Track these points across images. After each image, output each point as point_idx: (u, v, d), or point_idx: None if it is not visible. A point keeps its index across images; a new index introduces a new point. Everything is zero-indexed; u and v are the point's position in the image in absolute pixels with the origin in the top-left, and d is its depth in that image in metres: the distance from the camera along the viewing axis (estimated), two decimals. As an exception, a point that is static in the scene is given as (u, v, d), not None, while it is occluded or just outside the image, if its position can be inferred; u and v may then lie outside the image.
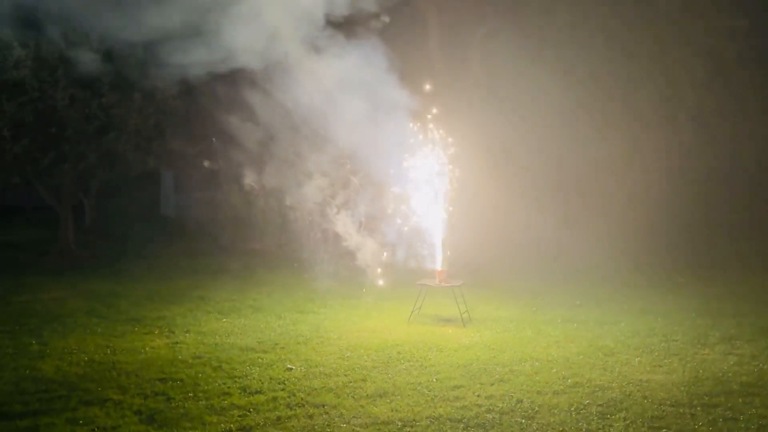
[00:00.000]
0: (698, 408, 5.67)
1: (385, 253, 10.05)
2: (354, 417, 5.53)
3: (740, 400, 5.84)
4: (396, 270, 10.25)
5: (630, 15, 17.96)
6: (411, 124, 9.27)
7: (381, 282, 10.13)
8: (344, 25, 9.16)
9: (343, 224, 10.89)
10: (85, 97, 13.94)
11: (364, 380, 6.45)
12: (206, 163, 18.53)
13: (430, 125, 9.25)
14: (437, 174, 9.29)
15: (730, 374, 6.56)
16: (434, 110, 9.25)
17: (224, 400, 5.91)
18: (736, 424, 5.35)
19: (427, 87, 9.44)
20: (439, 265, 9.25)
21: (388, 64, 9.31)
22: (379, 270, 10.13)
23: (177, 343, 7.79)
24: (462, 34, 19.37)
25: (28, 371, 6.72)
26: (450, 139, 9.35)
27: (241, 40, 9.03)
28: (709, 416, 5.50)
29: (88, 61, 14.53)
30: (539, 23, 18.25)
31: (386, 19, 9.43)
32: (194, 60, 9.79)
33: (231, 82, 10.67)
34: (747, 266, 13.95)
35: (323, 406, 5.78)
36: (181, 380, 6.42)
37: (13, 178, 15.22)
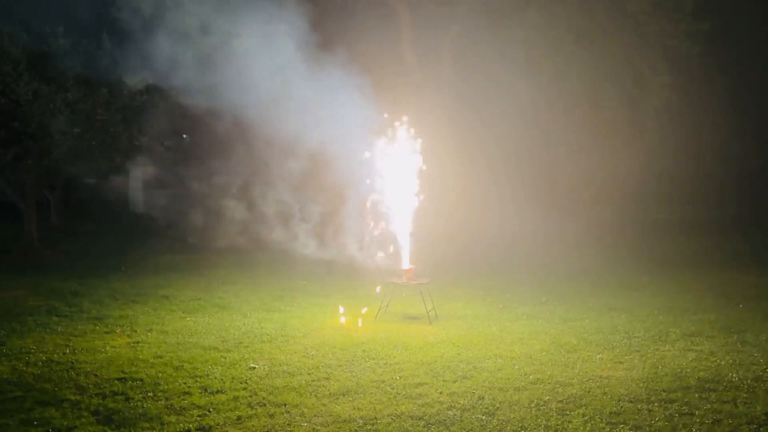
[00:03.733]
0: (656, 404, 5.75)
1: (355, 251, 10.01)
2: (315, 416, 5.50)
3: (697, 396, 5.94)
4: (364, 268, 10.23)
5: (599, 16, 18.18)
6: (380, 123, 9.25)
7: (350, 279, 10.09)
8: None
9: (312, 223, 10.85)
10: (50, 91, 13.66)
11: (327, 379, 6.42)
12: (184, 136, 18.30)
13: (398, 123, 9.24)
14: (405, 172, 9.28)
15: (688, 370, 6.66)
16: (404, 118, 9.22)
17: (184, 399, 5.83)
18: (691, 419, 5.44)
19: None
20: (406, 263, 9.26)
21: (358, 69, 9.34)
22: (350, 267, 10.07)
23: (138, 342, 7.67)
24: (434, 32, 19.42)
25: (-18, 371, 6.56)
26: (419, 138, 9.35)
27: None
28: (666, 411, 5.58)
29: (52, 55, 14.28)
30: (510, 23, 18.38)
31: None
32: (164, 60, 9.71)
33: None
34: (711, 263, 14.24)
35: (285, 405, 5.74)
36: (141, 380, 6.32)
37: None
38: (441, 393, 6.02)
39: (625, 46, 18.36)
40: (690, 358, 7.08)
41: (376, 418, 5.44)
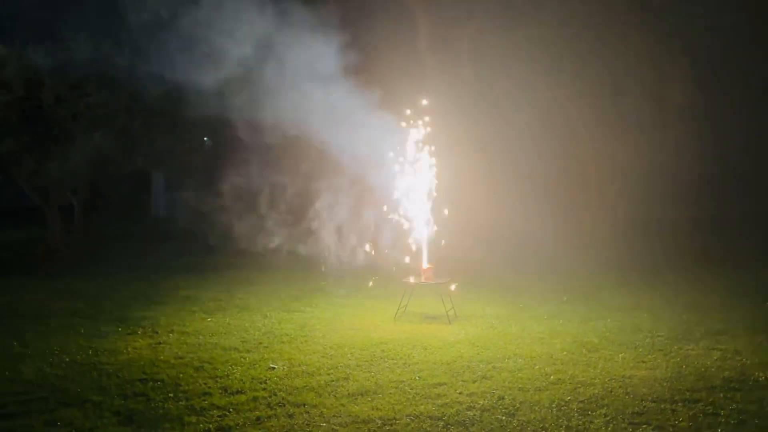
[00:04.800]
0: (679, 404, 5.65)
1: (374, 252, 9.97)
2: (334, 416, 5.50)
3: (722, 396, 5.83)
4: (383, 268, 10.23)
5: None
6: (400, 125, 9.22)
7: (371, 282, 10.06)
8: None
9: (334, 224, 10.86)
10: (72, 96, 13.85)
11: (346, 379, 6.42)
12: (206, 140, 18.44)
13: (418, 123, 9.20)
14: (424, 172, 9.26)
15: (712, 369, 6.55)
16: (425, 119, 9.19)
17: (204, 400, 5.87)
18: (716, 419, 5.34)
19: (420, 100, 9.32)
20: (425, 262, 9.23)
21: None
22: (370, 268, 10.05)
23: (160, 343, 7.75)
24: (451, 30, 19.35)
25: (7, 373, 6.66)
26: (435, 138, 9.32)
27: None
28: (690, 411, 5.48)
29: (75, 59, 14.47)
30: (528, 20, 18.25)
31: None
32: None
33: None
34: (735, 260, 13.99)
35: (304, 405, 5.74)
36: (162, 381, 6.38)
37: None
38: (460, 393, 5.98)
39: (646, 40, 18.13)
40: (714, 358, 6.96)
41: (395, 419, 5.43)
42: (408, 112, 9.14)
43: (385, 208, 9.30)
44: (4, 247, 17.45)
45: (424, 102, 9.20)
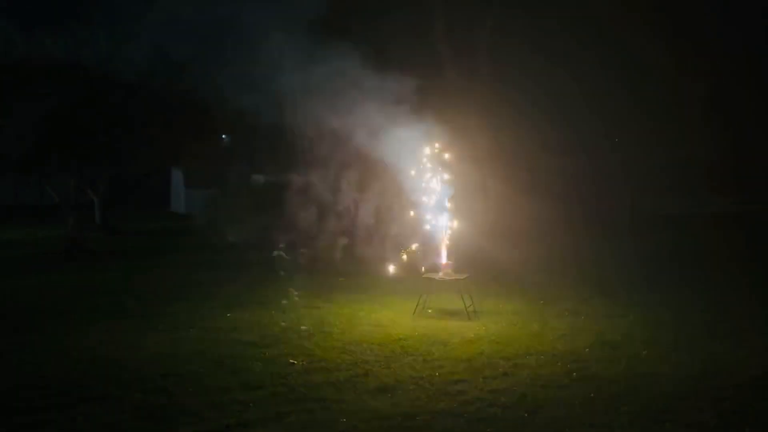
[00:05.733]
0: (706, 401, 5.54)
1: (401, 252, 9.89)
2: (354, 412, 5.46)
3: (750, 394, 5.71)
4: (402, 263, 10.17)
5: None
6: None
7: (391, 271, 9.97)
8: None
9: (352, 220, 10.84)
10: (93, 94, 13.96)
11: (366, 375, 6.38)
12: (223, 137, 18.58)
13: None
14: (443, 168, 9.19)
15: (739, 368, 6.42)
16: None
17: (224, 395, 5.86)
18: (744, 417, 5.22)
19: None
20: (444, 258, 9.16)
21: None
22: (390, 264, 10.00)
23: (180, 338, 7.77)
24: (469, 30, 19.28)
25: (30, 368, 6.71)
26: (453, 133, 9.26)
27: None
28: (716, 409, 5.37)
29: (94, 59, 14.59)
30: (547, 14, 18.13)
31: None
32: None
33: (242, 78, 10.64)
34: (761, 259, 13.74)
35: (324, 400, 5.72)
36: (182, 376, 6.38)
37: (20, 175, 15.45)
38: (481, 390, 5.92)
39: (664, 33, 17.91)
40: (741, 356, 6.82)
41: (415, 415, 5.38)
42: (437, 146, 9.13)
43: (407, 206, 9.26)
44: (27, 245, 17.66)
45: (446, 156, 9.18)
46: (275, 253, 11.16)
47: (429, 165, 9.15)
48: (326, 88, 9.13)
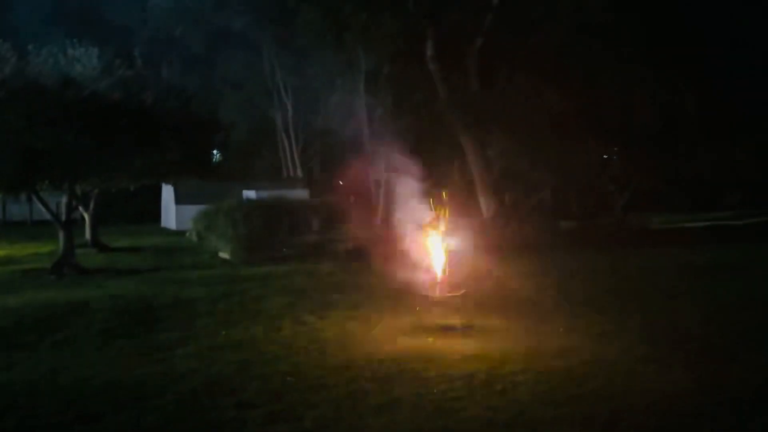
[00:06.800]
0: (705, 417, 5.54)
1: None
2: (353, 430, 5.42)
3: (747, 409, 5.72)
4: (397, 280, 10.19)
5: None
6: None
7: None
8: None
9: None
10: (81, 112, 13.90)
11: (363, 392, 6.34)
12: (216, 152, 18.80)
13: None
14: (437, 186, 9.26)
15: (737, 384, 6.42)
16: None
17: (220, 414, 5.80)
18: (743, 434, 5.23)
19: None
20: (439, 275, 9.16)
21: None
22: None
23: (173, 357, 7.69)
24: (458, 46, 19.49)
25: (20, 387, 6.62)
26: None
27: None
28: (714, 426, 5.38)
29: (78, 79, 14.56)
30: (537, 31, 18.33)
31: None
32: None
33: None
34: (758, 270, 13.84)
35: (322, 419, 5.67)
36: (178, 394, 6.31)
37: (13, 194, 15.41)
38: (479, 408, 5.89)
39: (653, 51, 18.17)
40: (738, 371, 6.84)
41: (415, 434, 5.34)
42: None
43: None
44: (16, 262, 17.49)
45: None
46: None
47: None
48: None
